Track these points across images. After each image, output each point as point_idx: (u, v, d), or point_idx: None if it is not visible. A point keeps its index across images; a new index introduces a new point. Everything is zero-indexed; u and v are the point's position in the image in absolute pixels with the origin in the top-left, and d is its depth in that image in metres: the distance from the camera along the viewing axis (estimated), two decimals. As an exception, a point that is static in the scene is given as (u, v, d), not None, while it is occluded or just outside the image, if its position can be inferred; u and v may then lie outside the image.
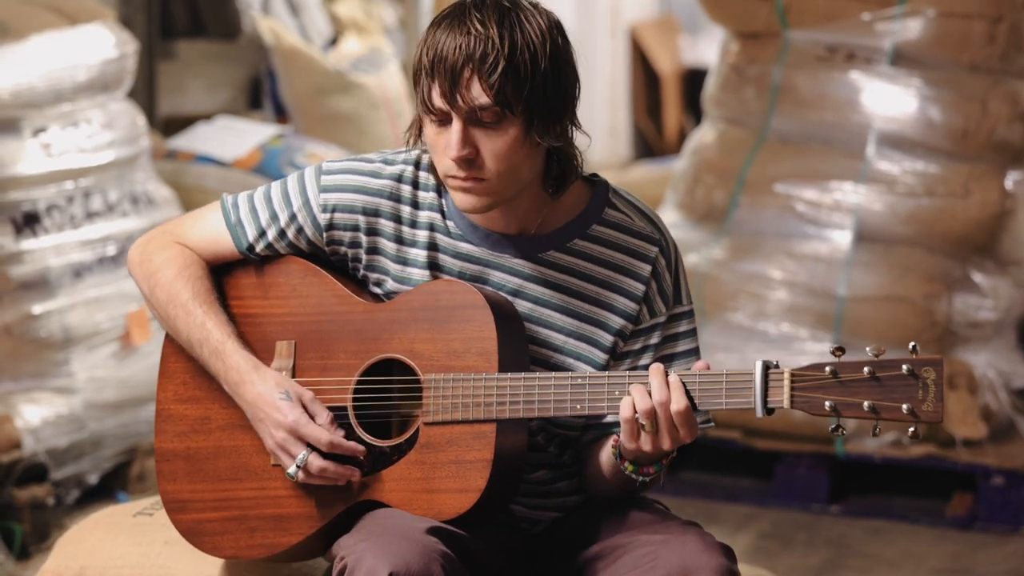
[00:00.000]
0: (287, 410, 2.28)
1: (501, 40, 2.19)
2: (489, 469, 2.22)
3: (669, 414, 2.15)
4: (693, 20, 9.03)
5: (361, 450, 2.28)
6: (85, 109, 4.37)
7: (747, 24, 4.77)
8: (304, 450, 2.27)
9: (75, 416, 4.18)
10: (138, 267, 2.44)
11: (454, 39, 2.20)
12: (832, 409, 2.12)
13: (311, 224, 2.38)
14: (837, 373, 2.12)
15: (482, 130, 2.22)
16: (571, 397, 2.21)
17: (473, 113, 2.20)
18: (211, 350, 2.34)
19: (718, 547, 2.24)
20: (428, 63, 2.21)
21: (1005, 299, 4.56)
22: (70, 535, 2.71)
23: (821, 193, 4.61)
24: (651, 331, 2.35)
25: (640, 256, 2.34)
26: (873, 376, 2.10)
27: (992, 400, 4.46)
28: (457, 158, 2.21)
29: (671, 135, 9.15)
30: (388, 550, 2.14)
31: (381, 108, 6.29)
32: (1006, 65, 4.50)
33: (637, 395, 2.16)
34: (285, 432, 2.28)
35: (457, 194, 2.26)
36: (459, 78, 2.19)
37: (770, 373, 2.13)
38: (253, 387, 2.30)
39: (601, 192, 2.37)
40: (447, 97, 2.20)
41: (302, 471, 2.27)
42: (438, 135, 2.24)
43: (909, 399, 2.09)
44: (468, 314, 2.26)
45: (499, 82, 2.19)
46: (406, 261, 2.36)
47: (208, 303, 2.37)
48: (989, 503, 4.34)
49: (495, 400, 2.23)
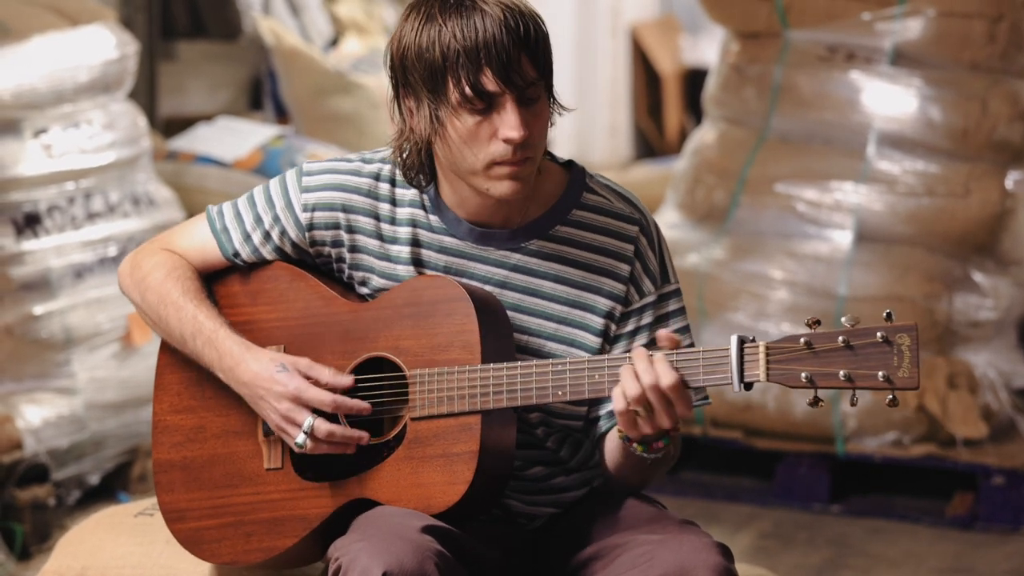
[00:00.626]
0: (286, 380, 2.28)
1: (531, 14, 2.22)
2: (476, 460, 2.22)
3: (660, 393, 2.13)
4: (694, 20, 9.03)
5: (367, 407, 2.28)
6: (86, 110, 4.37)
7: (747, 24, 4.77)
8: (310, 416, 2.27)
9: (76, 416, 4.18)
10: (128, 277, 2.45)
11: (487, 20, 2.18)
12: (808, 380, 2.11)
13: (294, 225, 2.39)
14: (811, 344, 2.11)
15: (529, 108, 2.23)
16: (553, 383, 2.21)
17: (524, 90, 2.21)
18: (204, 340, 2.34)
19: (716, 546, 2.24)
20: (470, 49, 2.18)
21: (1005, 299, 4.56)
22: (71, 535, 2.71)
23: (821, 193, 4.61)
24: (642, 311, 2.35)
25: (622, 237, 2.35)
26: (847, 345, 2.09)
27: (992, 400, 4.46)
28: (522, 139, 2.20)
29: (672, 135, 9.15)
30: (382, 549, 2.14)
31: (382, 108, 6.29)
32: (1006, 64, 4.50)
33: (626, 383, 2.14)
34: (288, 401, 2.27)
35: (501, 184, 2.24)
36: (512, 58, 2.18)
37: (745, 348, 2.13)
38: (248, 367, 2.31)
39: (578, 177, 2.38)
40: (503, 79, 2.19)
41: (310, 438, 2.27)
42: (479, 125, 2.22)
43: (884, 366, 2.08)
44: (450, 307, 2.26)
45: (542, 55, 2.22)
46: (389, 258, 2.37)
47: (199, 299, 2.38)
48: (990, 503, 4.33)
49: (479, 391, 2.23)
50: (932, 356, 4.45)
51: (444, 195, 2.35)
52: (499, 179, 2.25)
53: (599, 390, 2.20)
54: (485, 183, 2.26)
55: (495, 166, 2.24)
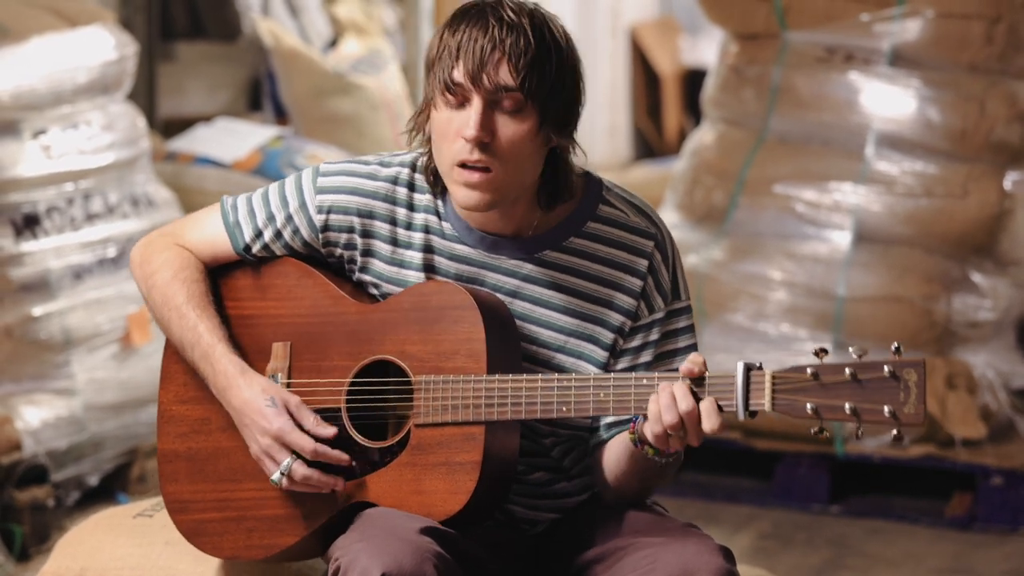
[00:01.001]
0: (272, 417, 2.28)
1: (533, 32, 2.22)
2: (478, 471, 2.22)
3: (696, 420, 2.15)
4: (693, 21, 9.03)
5: (346, 459, 2.28)
6: (85, 111, 4.37)
7: (746, 25, 4.77)
8: (289, 457, 2.28)
9: (75, 418, 4.18)
10: (138, 268, 2.46)
11: (483, 24, 2.22)
12: (814, 412, 2.10)
13: (307, 225, 2.38)
14: (818, 375, 2.10)
15: (501, 115, 2.23)
16: (557, 399, 2.21)
17: (496, 95, 2.22)
18: (201, 353, 2.35)
19: (718, 549, 2.24)
20: (454, 45, 2.22)
21: (1004, 299, 4.57)
22: (70, 536, 2.71)
23: (820, 194, 4.61)
24: (650, 327, 2.35)
25: (636, 251, 2.34)
26: (855, 378, 2.08)
27: (991, 400, 4.47)
28: (474, 138, 2.21)
29: (671, 136, 9.15)
30: (381, 550, 2.14)
31: (381, 109, 6.29)
32: (1004, 65, 4.51)
33: (665, 408, 2.14)
34: (270, 439, 2.29)
35: (460, 189, 2.25)
36: (488, 58, 2.20)
37: (752, 375, 2.13)
38: (240, 392, 2.31)
39: (595, 189, 2.37)
40: (471, 75, 2.20)
41: (286, 478, 2.28)
42: (450, 119, 2.24)
43: (890, 401, 2.07)
44: (457, 315, 2.26)
45: (526, 70, 2.21)
46: (401, 263, 2.37)
47: (202, 307, 2.38)
48: (988, 503, 4.34)
49: (483, 402, 2.23)
50: (931, 356, 4.45)
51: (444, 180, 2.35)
52: (458, 184, 2.25)
53: (603, 408, 2.20)
54: (451, 185, 2.27)
55: (457, 168, 2.24)
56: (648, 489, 2.37)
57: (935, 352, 4.46)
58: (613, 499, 2.37)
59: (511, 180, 2.26)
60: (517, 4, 2.26)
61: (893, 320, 4.48)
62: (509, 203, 2.29)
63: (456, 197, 2.27)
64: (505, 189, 2.26)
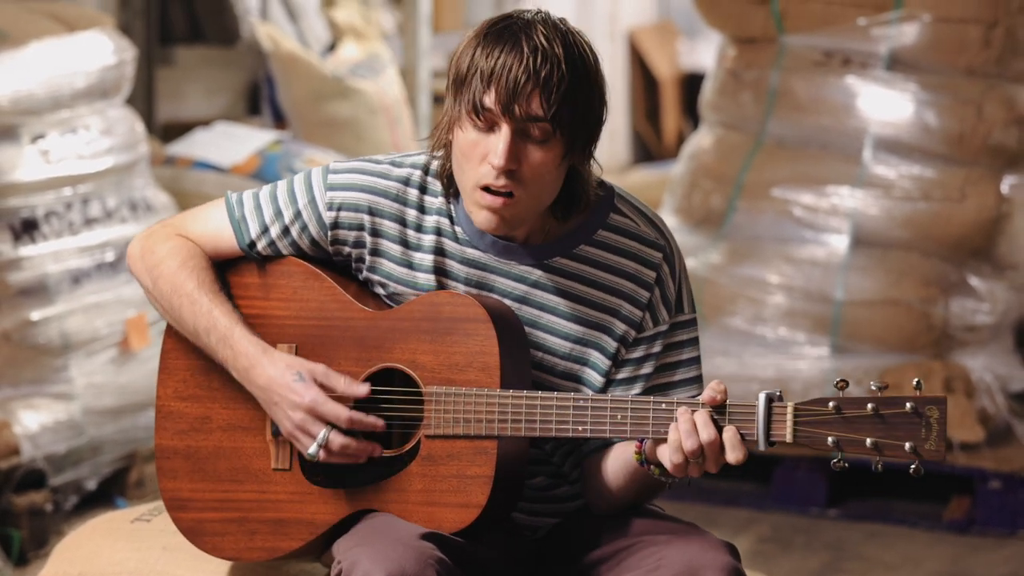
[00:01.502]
0: (303, 391, 2.26)
1: (566, 62, 2.20)
2: (490, 486, 2.22)
3: (717, 449, 2.15)
4: (691, 24, 9.04)
5: (381, 424, 2.27)
6: (84, 116, 4.37)
7: (744, 29, 4.78)
8: (324, 428, 2.26)
9: (74, 422, 4.18)
10: (139, 260, 2.42)
11: (518, 52, 2.19)
12: (835, 445, 2.11)
13: (316, 222, 2.37)
14: (841, 409, 2.10)
15: (527, 144, 2.21)
16: (573, 419, 2.21)
17: (524, 126, 2.21)
18: (219, 337, 2.32)
19: (723, 545, 2.24)
20: (486, 69, 2.19)
21: (1002, 303, 4.57)
22: (68, 541, 2.70)
23: (818, 197, 4.62)
24: (653, 339, 2.34)
25: (645, 262, 2.34)
26: (877, 413, 2.09)
27: (989, 404, 4.47)
28: (502, 168, 2.20)
29: (670, 139, 9.16)
30: (383, 555, 2.14)
31: (380, 114, 6.30)
32: (1001, 69, 4.51)
33: (685, 436, 2.14)
34: (303, 413, 2.26)
35: (481, 212, 2.24)
36: (521, 89, 2.18)
37: (773, 407, 2.12)
38: (264, 371, 2.29)
39: (607, 197, 2.36)
40: (502, 105, 2.19)
41: (323, 450, 2.26)
42: (476, 143, 2.22)
43: (912, 437, 2.08)
44: (471, 328, 2.25)
45: (558, 103, 2.19)
46: (411, 265, 2.36)
47: (213, 292, 2.35)
48: (986, 507, 4.34)
49: (497, 418, 2.23)
50: (929, 360, 4.45)
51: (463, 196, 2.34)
52: (480, 206, 2.24)
53: (621, 431, 2.20)
54: (471, 205, 2.26)
55: (479, 190, 2.24)
56: (641, 502, 2.37)
57: (933, 355, 4.47)
58: (604, 509, 2.36)
59: (533, 205, 2.26)
60: (550, 25, 2.23)
61: (891, 324, 4.48)
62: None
63: (476, 219, 2.26)
64: (526, 213, 2.27)
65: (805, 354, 4.54)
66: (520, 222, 2.27)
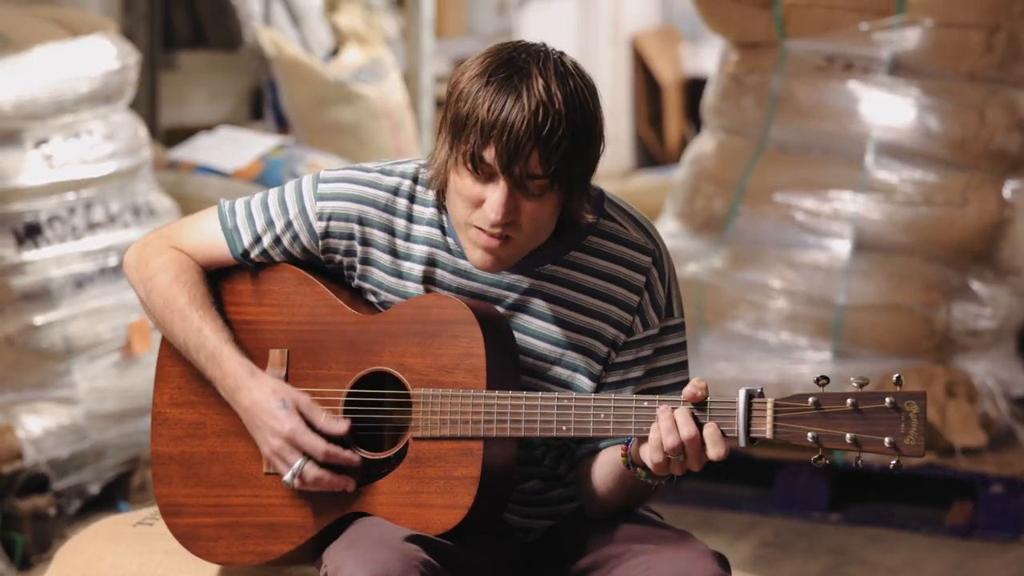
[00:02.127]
0: (284, 418, 2.28)
1: (567, 113, 2.18)
2: (476, 486, 2.23)
3: (698, 446, 2.16)
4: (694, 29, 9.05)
5: (356, 460, 2.28)
6: (87, 120, 4.38)
7: (746, 34, 4.78)
8: (300, 459, 2.28)
9: (77, 426, 4.19)
10: (134, 271, 2.45)
11: (520, 106, 2.16)
12: (814, 440, 2.12)
13: (307, 231, 2.38)
14: (820, 404, 2.12)
15: (524, 197, 2.21)
16: (557, 418, 2.22)
17: (522, 181, 2.20)
18: (207, 355, 2.35)
19: (712, 555, 2.25)
20: (488, 122, 2.17)
21: (1004, 307, 4.57)
22: (70, 545, 2.71)
23: (820, 202, 4.62)
24: (643, 343, 2.35)
25: (634, 267, 2.35)
26: (856, 408, 2.10)
27: (991, 408, 4.47)
28: (498, 223, 2.20)
29: (673, 144, 9.16)
30: (368, 557, 2.15)
31: (382, 118, 6.31)
32: (1004, 74, 4.51)
33: (666, 433, 2.15)
34: (282, 440, 2.29)
35: (476, 251, 2.25)
36: (521, 149, 2.17)
37: (753, 403, 2.13)
38: (249, 394, 2.31)
39: (596, 202, 2.36)
40: (502, 164, 2.18)
41: (298, 479, 2.29)
42: (473, 187, 2.22)
43: (891, 432, 2.09)
44: (458, 330, 2.26)
45: (558, 162, 2.18)
46: (400, 274, 2.37)
47: (204, 308, 2.37)
48: (988, 511, 4.34)
49: (483, 418, 2.24)
50: (930, 365, 4.45)
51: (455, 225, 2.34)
52: (475, 245, 2.25)
53: (604, 430, 2.21)
54: (464, 240, 2.27)
55: (475, 229, 2.24)
56: (632, 506, 2.37)
57: (935, 360, 4.47)
58: (596, 512, 2.37)
59: (529, 245, 2.27)
60: (551, 66, 2.20)
61: (893, 328, 4.48)
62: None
63: (472, 257, 2.27)
64: (522, 252, 2.28)
65: (807, 359, 4.54)
66: (514, 260, 2.28)
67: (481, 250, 2.25)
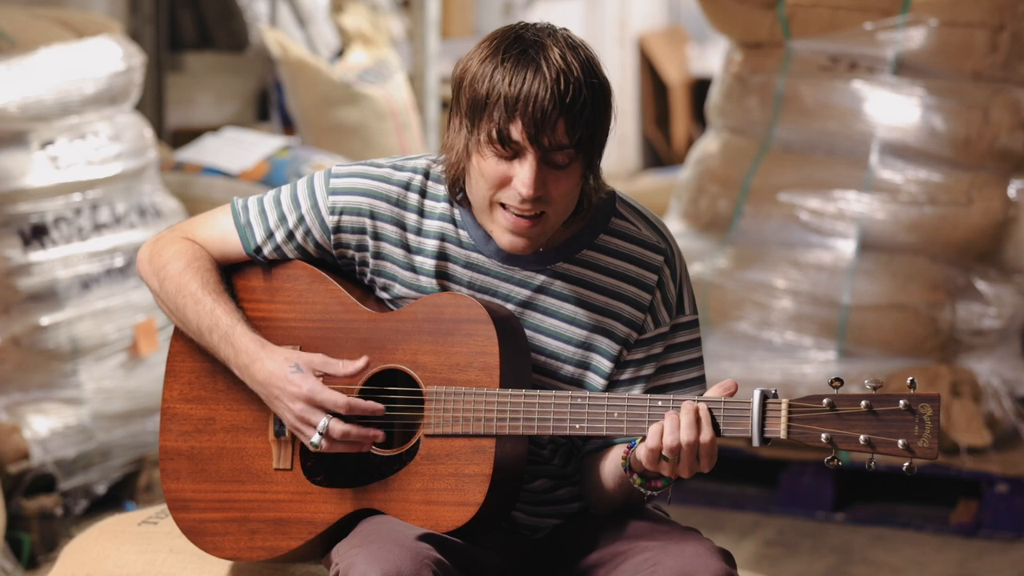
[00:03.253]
0: (300, 381, 2.29)
1: (586, 82, 2.21)
2: (488, 484, 2.24)
3: (695, 451, 2.16)
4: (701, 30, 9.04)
5: (380, 408, 2.29)
6: (92, 122, 4.39)
7: (750, 34, 4.78)
8: (324, 417, 2.28)
9: (83, 427, 4.20)
10: (147, 264, 2.46)
11: (541, 78, 2.18)
12: (828, 441, 2.13)
13: (319, 226, 2.39)
14: (835, 406, 2.13)
15: (551, 170, 2.22)
16: (570, 416, 2.23)
17: (549, 154, 2.21)
18: (220, 335, 2.35)
19: (718, 552, 2.25)
20: (511, 97, 2.19)
21: (1009, 307, 4.57)
22: (76, 544, 2.72)
23: (825, 202, 4.62)
24: (654, 341, 2.36)
25: (646, 266, 2.36)
26: (870, 410, 2.11)
27: (996, 408, 4.47)
28: (531, 197, 2.21)
29: (680, 144, 9.16)
30: (379, 556, 2.15)
31: (388, 119, 6.31)
32: (1008, 73, 4.51)
33: (668, 430, 2.16)
34: (302, 403, 2.29)
35: (504, 234, 2.26)
36: (548, 119, 2.18)
37: (768, 403, 2.15)
38: (263, 365, 2.32)
39: (608, 201, 2.38)
40: (530, 136, 2.19)
41: (325, 438, 2.28)
42: (498, 167, 2.22)
43: (905, 435, 2.10)
44: (472, 328, 2.27)
45: (581, 126, 2.20)
46: (413, 268, 2.37)
47: (217, 292, 2.39)
48: (993, 510, 4.34)
49: (495, 416, 2.24)
50: (935, 364, 4.45)
51: (476, 213, 2.35)
52: (502, 227, 2.26)
53: (617, 429, 2.22)
54: (490, 224, 2.28)
55: (501, 209, 2.25)
56: (631, 506, 2.38)
57: (939, 360, 4.47)
58: (598, 508, 2.38)
59: (556, 222, 2.28)
60: (562, 42, 2.23)
61: (897, 328, 4.48)
62: None
63: (501, 241, 2.28)
64: (549, 232, 2.29)
65: (812, 358, 4.55)
66: (543, 239, 2.29)
67: (510, 234, 2.26)
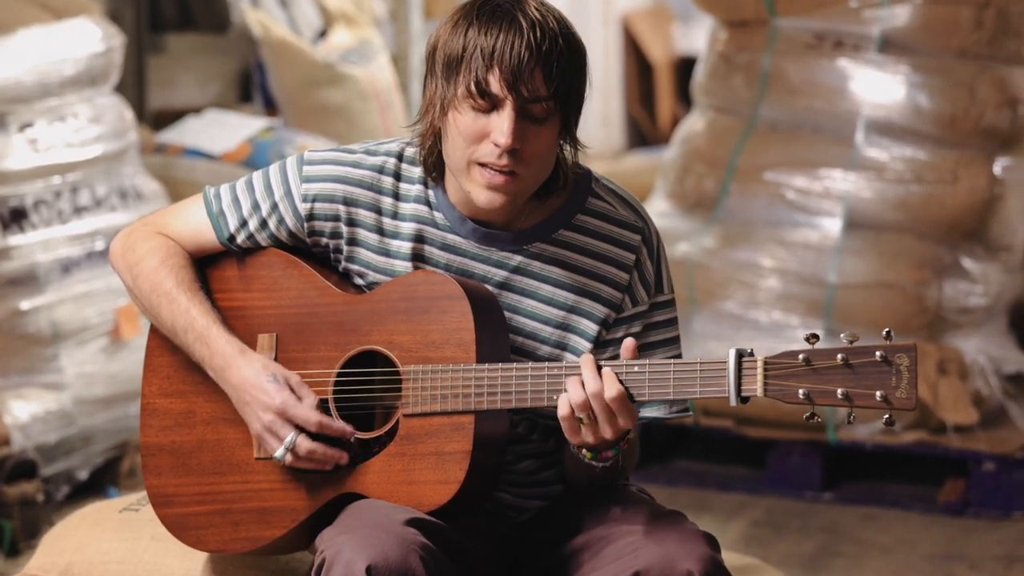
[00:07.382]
0: (274, 392, 2.28)
1: (561, 35, 2.22)
2: (468, 460, 2.22)
3: (604, 403, 2.15)
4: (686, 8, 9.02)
5: (350, 431, 2.28)
6: (72, 103, 4.36)
7: (735, 12, 4.76)
8: (292, 432, 2.27)
9: (64, 412, 4.18)
10: (120, 258, 2.45)
11: (517, 29, 2.20)
12: (805, 397, 2.11)
13: (292, 214, 2.38)
14: (810, 360, 2.11)
15: (529, 124, 2.22)
16: (548, 387, 2.21)
17: (527, 105, 2.21)
18: (196, 336, 2.34)
19: (701, 536, 2.24)
20: (487, 48, 2.19)
21: (995, 285, 4.56)
22: (56, 531, 2.70)
23: (811, 180, 4.61)
24: (632, 320, 2.36)
25: (623, 245, 2.35)
26: (846, 363, 2.09)
27: (983, 386, 4.46)
28: (508, 147, 2.20)
29: (664, 124, 9.14)
30: (366, 542, 2.14)
31: (371, 100, 6.29)
32: (993, 51, 4.50)
33: (572, 389, 2.16)
34: (273, 414, 2.28)
35: (482, 191, 2.24)
36: (524, 67, 2.19)
37: (743, 362, 2.13)
38: (239, 371, 2.30)
39: (584, 181, 2.37)
40: (508, 84, 2.19)
41: (290, 453, 2.27)
42: (476, 122, 2.22)
43: (882, 386, 2.08)
44: (446, 305, 2.26)
45: (559, 78, 2.21)
46: (388, 252, 2.36)
47: (192, 291, 2.37)
48: (981, 489, 4.34)
49: (473, 391, 2.23)
50: (922, 342, 4.44)
51: (450, 193, 2.34)
52: (479, 185, 2.24)
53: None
54: (468, 184, 2.26)
55: (478, 167, 2.24)
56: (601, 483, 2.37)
57: (926, 338, 4.46)
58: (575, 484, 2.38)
59: (533, 183, 2.27)
60: (535, 1, 2.25)
61: (884, 306, 4.47)
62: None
63: (478, 199, 2.26)
64: (527, 191, 2.28)
65: (799, 337, 4.53)
66: (522, 199, 2.28)
67: (488, 190, 2.24)
